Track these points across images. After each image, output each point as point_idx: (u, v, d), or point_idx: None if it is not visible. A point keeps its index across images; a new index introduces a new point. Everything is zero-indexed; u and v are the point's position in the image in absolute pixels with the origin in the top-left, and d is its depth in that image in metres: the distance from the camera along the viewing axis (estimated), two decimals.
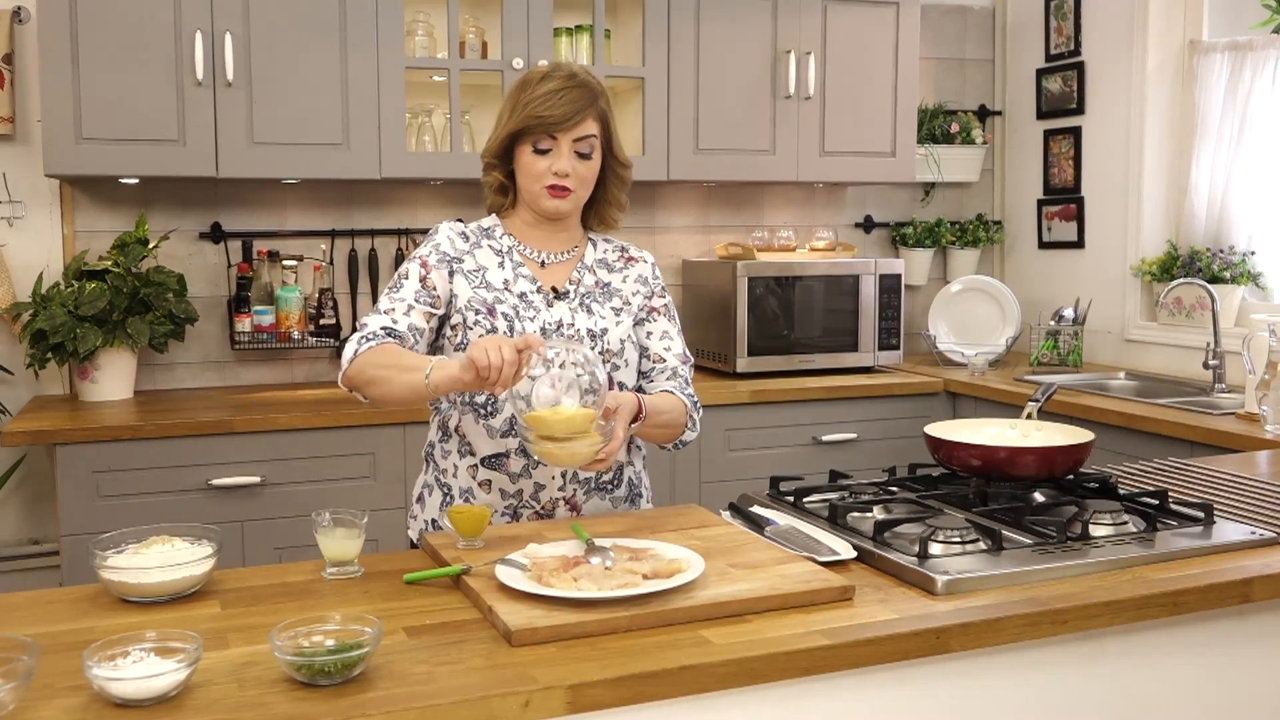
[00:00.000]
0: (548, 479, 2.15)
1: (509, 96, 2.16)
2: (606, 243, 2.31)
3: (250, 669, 1.42)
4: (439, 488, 2.21)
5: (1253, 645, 1.82)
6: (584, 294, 2.21)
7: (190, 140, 3.38)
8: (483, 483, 2.15)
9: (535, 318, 2.14)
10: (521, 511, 2.16)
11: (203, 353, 3.81)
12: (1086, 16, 4.31)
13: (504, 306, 2.14)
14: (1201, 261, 3.89)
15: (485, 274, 2.16)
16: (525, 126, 2.09)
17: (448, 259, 2.16)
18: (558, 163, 2.10)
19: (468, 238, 2.20)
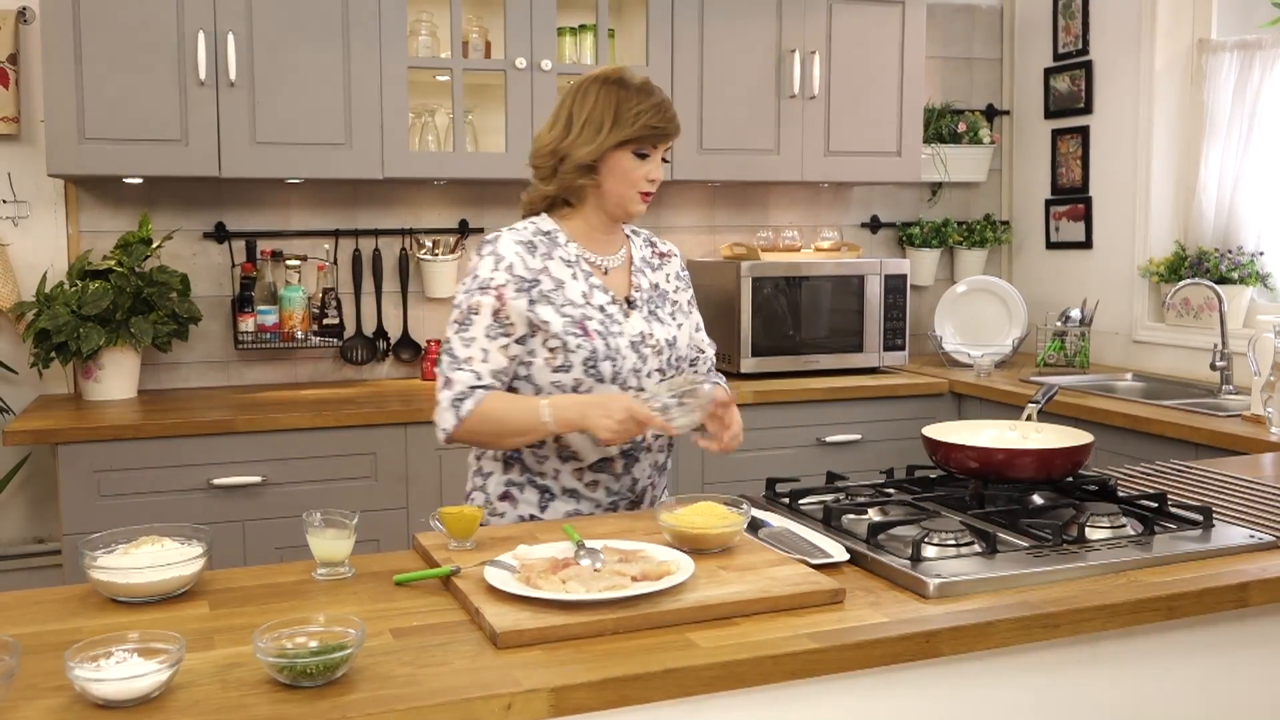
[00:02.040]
0: (641, 473, 2.28)
1: (603, 104, 2.15)
2: (635, 235, 2.37)
3: (234, 670, 1.41)
4: (533, 487, 2.24)
5: (1249, 650, 1.80)
6: (647, 301, 2.28)
7: (193, 140, 3.38)
8: (590, 483, 2.23)
9: (621, 332, 2.19)
10: (619, 504, 2.27)
11: (206, 352, 3.82)
12: (1095, 15, 4.28)
13: (593, 324, 2.17)
14: (1209, 262, 3.86)
15: (564, 291, 2.17)
16: (639, 135, 2.15)
17: (525, 285, 2.14)
18: (654, 170, 2.19)
19: (535, 248, 2.18)
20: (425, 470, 3.40)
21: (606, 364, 2.16)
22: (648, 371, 2.21)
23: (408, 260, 3.97)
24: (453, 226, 4.03)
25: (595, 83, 2.18)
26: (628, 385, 2.18)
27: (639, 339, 2.21)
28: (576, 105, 2.17)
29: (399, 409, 3.39)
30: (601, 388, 2.16)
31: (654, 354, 2.23)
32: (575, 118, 2.17)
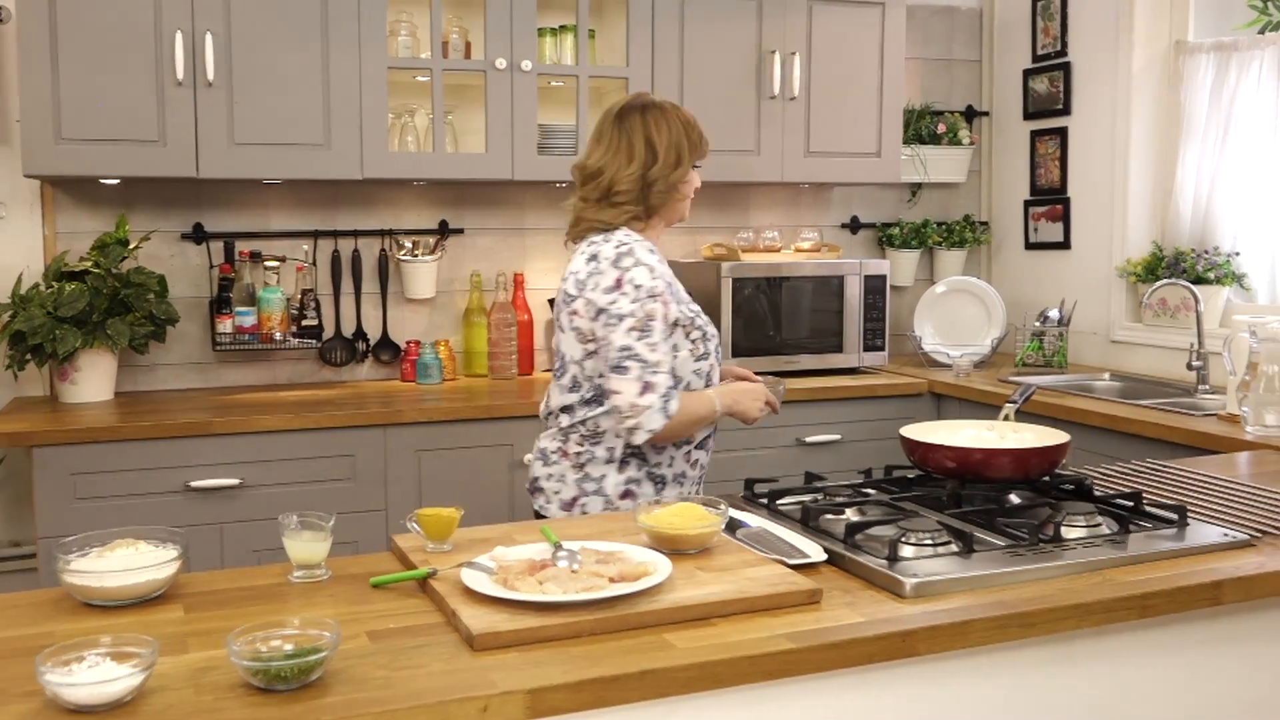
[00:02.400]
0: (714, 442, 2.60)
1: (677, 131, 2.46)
2: None
3: (208, 674, 1.41)
4: (650, 480, 2.45)
5: (1223, 648, 1.81)
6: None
7: (171, 141, 3.37)
8: (692, 463, 2.52)
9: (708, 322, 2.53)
10: (701, 478, 2.57)
11: (184, 354, 3.80)
12: (1073, 17, 4.30)
13: (700, 319, 2.49)
14: (1186, 262, 3.88)
15: (681, 295, 2.49)
16: (703, 153, 2.52)
17: (670, 288, 2.43)
18: (698, 179, 2.54)
19: (654, 254, 2.44)
20: (404, 472, 3.39)
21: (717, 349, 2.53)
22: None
23: (387, 261, 3.96)
24: (432, 227, 4.02)
25: (655, 111, 2.46)
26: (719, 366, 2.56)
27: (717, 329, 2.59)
28: (655, 135, 2.44)
29: (378, 410, 3.38)
30: (716, 371, 2.52)
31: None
32: (658, 146, 2.43)
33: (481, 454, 3.47)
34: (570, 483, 2.45)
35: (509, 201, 4.10)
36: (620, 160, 2.43)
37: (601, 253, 2.39)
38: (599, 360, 2.38)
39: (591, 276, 2.38)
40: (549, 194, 4.15)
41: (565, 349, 2.45)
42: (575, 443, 2.45)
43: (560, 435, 2.48)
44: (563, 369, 2.46)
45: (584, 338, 2.40)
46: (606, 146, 2.45)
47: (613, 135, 2.45)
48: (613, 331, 2.33)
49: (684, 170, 2.45)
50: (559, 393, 2.48)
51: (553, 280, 4.18)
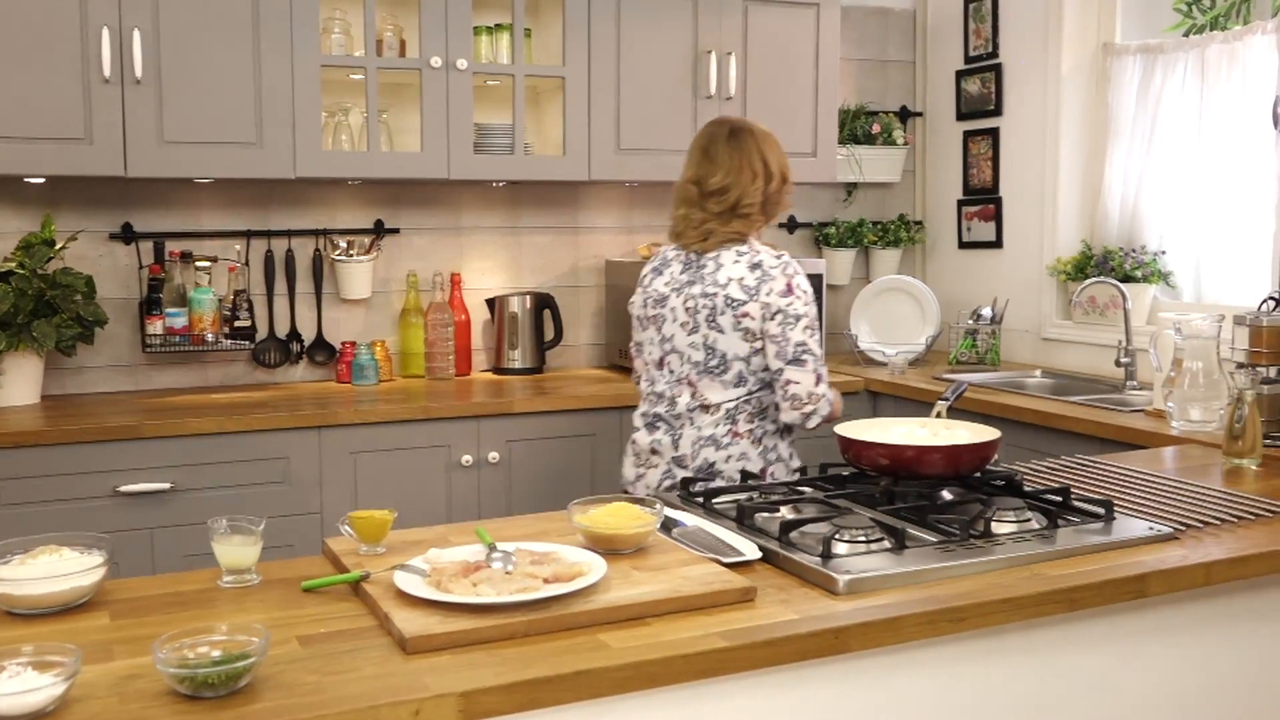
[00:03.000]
0: None
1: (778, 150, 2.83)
2: None
3: (134, 682, 1.38)
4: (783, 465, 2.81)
5: (1149, 640, 1.85)
6: None
7: (98, 139, 3.30)
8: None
9: None
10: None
11: (113, 356, 3.73)
12: (1004, 19, 4.36)
13: None
14: (1114, 261, 3.95)
15: None
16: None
17: None
18: None
19: None
20: (339, 474, 3.35)
21: None
22: None
23: (322, 261, 3.92)
24: (368, 227, 3.99)
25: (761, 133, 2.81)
26: None
27: None
28: (769, 155, 2.79)
29: (313, 412, 3.34)
30: None
31: None
32: (772, 165, 2.78)
33: (419, 456, 3.44)
34: (754, 457, 2.74)
35: (445, 201, 4.08)
36: (745, 178, 2.74)
37: (764, 262, 2.70)
38: (765, 355, 2.70)
39: (762, 284, 2.68)
40: (486, 193, 4.13)
41: (728, 348, 2.70)
42: (744, 422, 2.73)
43: (726, 420, 2.73)
44: (724, 366, 2.72)
45: (751, 337, 2.69)
46: (728, 167, 2.75)
47: (731, 156, 2.75)
48: (791, 329, 2.66)
49: (790, 185, 2.83)
50: (720, 388, 2.72)
51: (490, 280, 4.17)
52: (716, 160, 2.76)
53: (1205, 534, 2.00)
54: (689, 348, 2.74)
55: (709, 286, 2.71)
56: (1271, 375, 2.72)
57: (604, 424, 3.63)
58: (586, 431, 3.62)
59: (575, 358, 4.31)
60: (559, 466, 3.59)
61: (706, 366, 2.73)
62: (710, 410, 2.73)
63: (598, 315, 4.33)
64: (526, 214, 4.20)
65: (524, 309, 4.07)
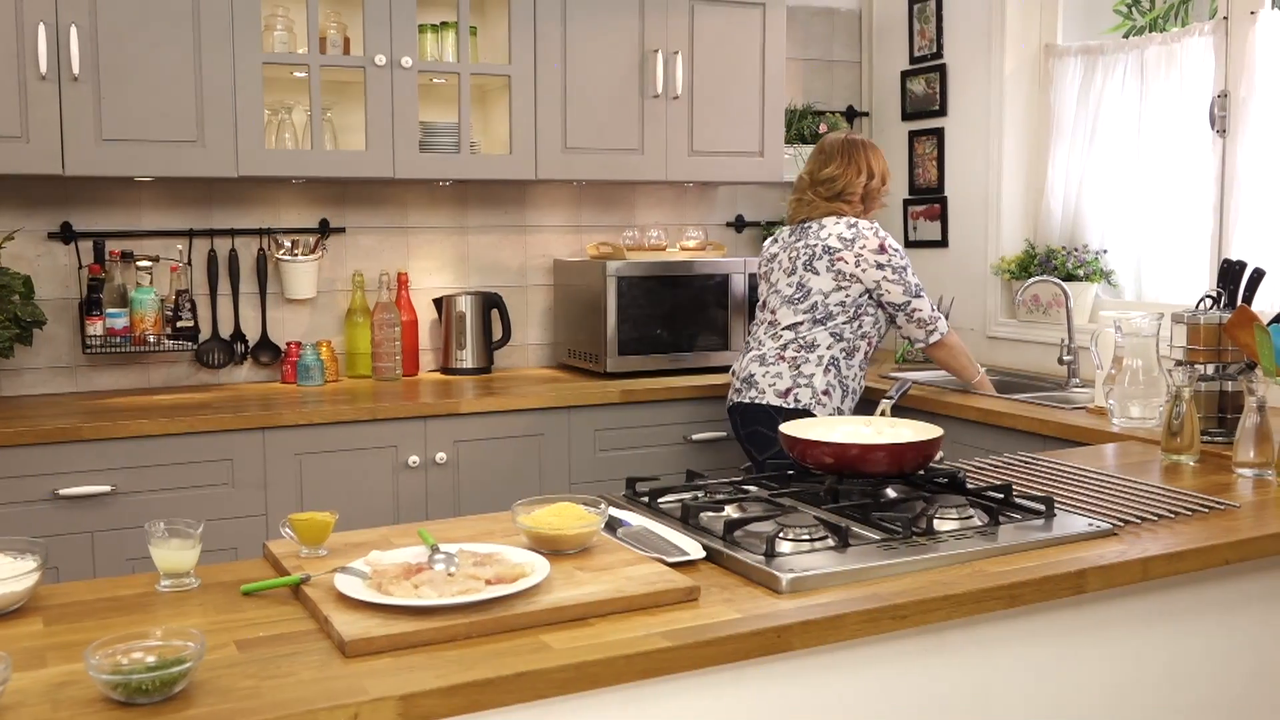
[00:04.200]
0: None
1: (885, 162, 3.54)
2: None
3: (66, 689, 1.36)
4: (840, 386, 3.34)
5: (1087, 635, 1.87)
6: None
7: (34, 137, 3.25)
8: (860, 380, 3.41)
9: None
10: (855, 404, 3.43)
11: (53, 357, 3.67)
12: (948, 19, 4.40)
13: None
14: (1057, 260, 4.00)
15: None
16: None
17: None
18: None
19: None
20: (284, 476, 3.32)
21: None
22: None
23: (266, 261, 3.88)
24: (313, 226, 3.95)
25: (870, 145, 3.50)
26: None
27: None
28: (874, 162, 3.48)
29: (257, 413, 3.30)
30: None
31: None
32: (875, 168, 3.47)
33: (365, 457, 3.42)
34: (787, 377, 3.31)
35: (391, 200, 4.05)
36: (852, 174, 3.43)
37: (860, 225, 3.36)
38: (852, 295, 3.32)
39: (858, 239, 3.32)
40: (432, 192, 4.10)
41: (816, 284, 3.33)
42: (793, 351, 3.32)
43: (779, 346, 3.36)
44: (804, 297, 3.34)
45: (842, 279, 3.31)
46: (839, 164, 3.44)
47: (843, 157, 3.44)
48: (904, 275, 3.34)
49: (887, 186, 3.52)
50: (793, 313, 3.36)
51: (437, 280, 4.14)
52: (830, 161, 3.45)
53: (1143, 530, 2.03)
54: (785, 286, 3.39)
55: (811, 240, 3.38)
56: (1209, 373, 2.76)
57: (552, 424, 3.63)
58: (535, 431, 3.61)
59: (524, 357, 4.30)
60: (507, 467, 3.58)
61: (790, 298, 3.37)
62: (773, 331, 3.38)
63: (546, 315, 4.32)
64: (473, 213, 4.18)
65: (471, 309, 4.05)
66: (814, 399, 3.30)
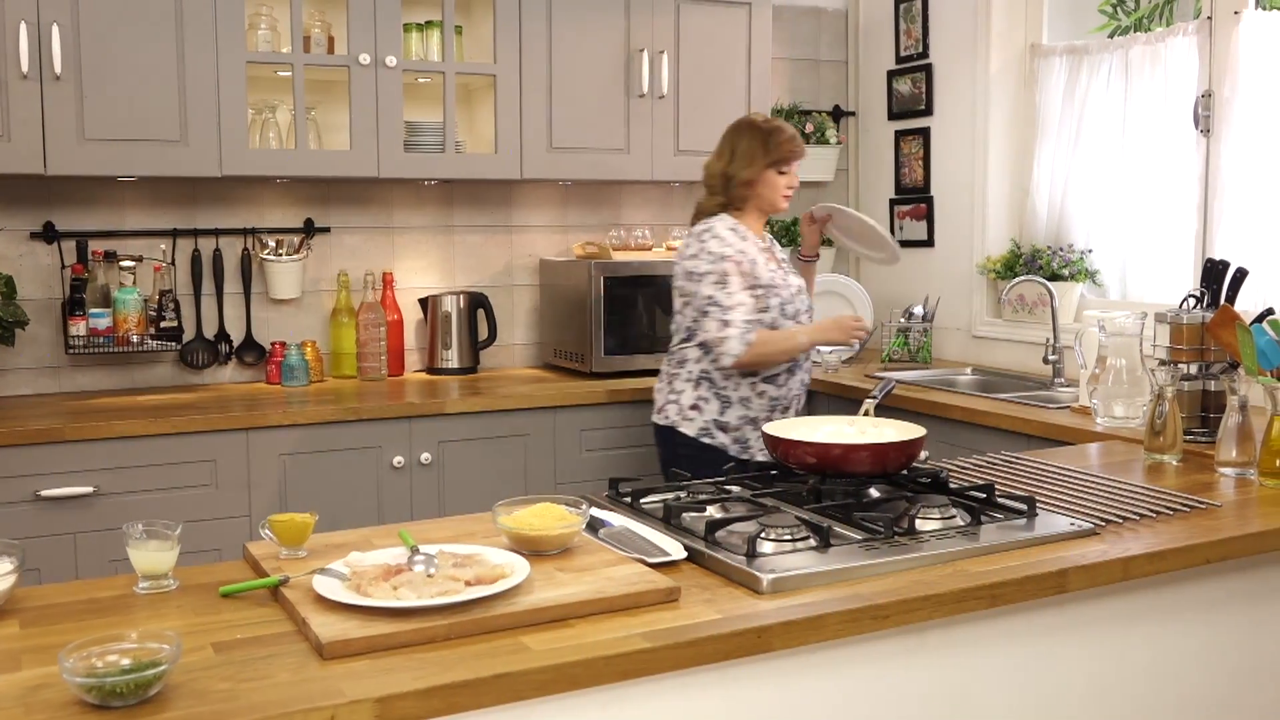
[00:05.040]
0: (795, 384, 3.24)
1: (754, 139, 3.16)
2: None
3: (41, 692, 1.35)
4: (717, 398, 3.17)
5: (1069, 634, 1.87)
6: (788, 267, 3.31)
7: (16, 136, 3.23)
8: (759, 393, 3.17)
9: (789, 285, 3.21)
10: (775, 409, 3.18)
11: (36, 358, 3.65)
12: (934, 19, 4.40)
13: (775, 280, 3.16)
14: (1042, 260, 4.00)
15: (757, 261, 3.14)
16: (783, 158, 3.17)
17: (741, 251, 3.11)
18: (792, 181, 3.23)
19: (736, 231, 3.16)
20: (267, 477, 3.31)
21: (790, 305, 3.19)
22: (806, 309, 3.27)
23: (250, 260, 3.86)
24: (297, 226, 3.94)
25: (749, 122, 3.22)
26: (799, 320, 3.21)
27: (798, 290, 3.23)
28: (738, 141, 3.18)
29: (241, 414, 3.29)
30: (785, 322, 3.16)
31: (801, 296, 3.25)
32: (738, 149, 3.17)
33: (349, 457, 3.41)
34: (663, 394, 3.27)
35: (376, 200, 4.04)
36: (713, 159, 3.24)
37: (691, 232, 3.22)
38: (690, 310, 3.15)
39: (683, 251, 3.19)
40: (417, 192, 4.09)
41: (677, 301, 3.23)
42: (669, 368, 3.27)
43: (664, 365, 3.31)
44: (675, 314, 3.26)
45: (681, 294, 3.18)
46: (716, 150, 3.26)
47: (720, 141, 3.25)
48: (699, 285, 3.10)
49: (756, 169, 3.15)
50: (672, 331, 3.30)
51: (423, 279, 4.13)
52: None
53: (1125, 529, 2.03)
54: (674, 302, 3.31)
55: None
56: (1192, 372, 2.77)
57: (538, 424, 3.62)
58: (520, 432, 3.61)
59: (510, 357, 4.29)
60: (492, 467, 3.57)
61: (672, 316, 3.31)
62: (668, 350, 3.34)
63: (532, 314, 4.31)
64: (459, 213, 4.17)
65: (457, 308, 4.04)
66: (680, 414, 3.20)
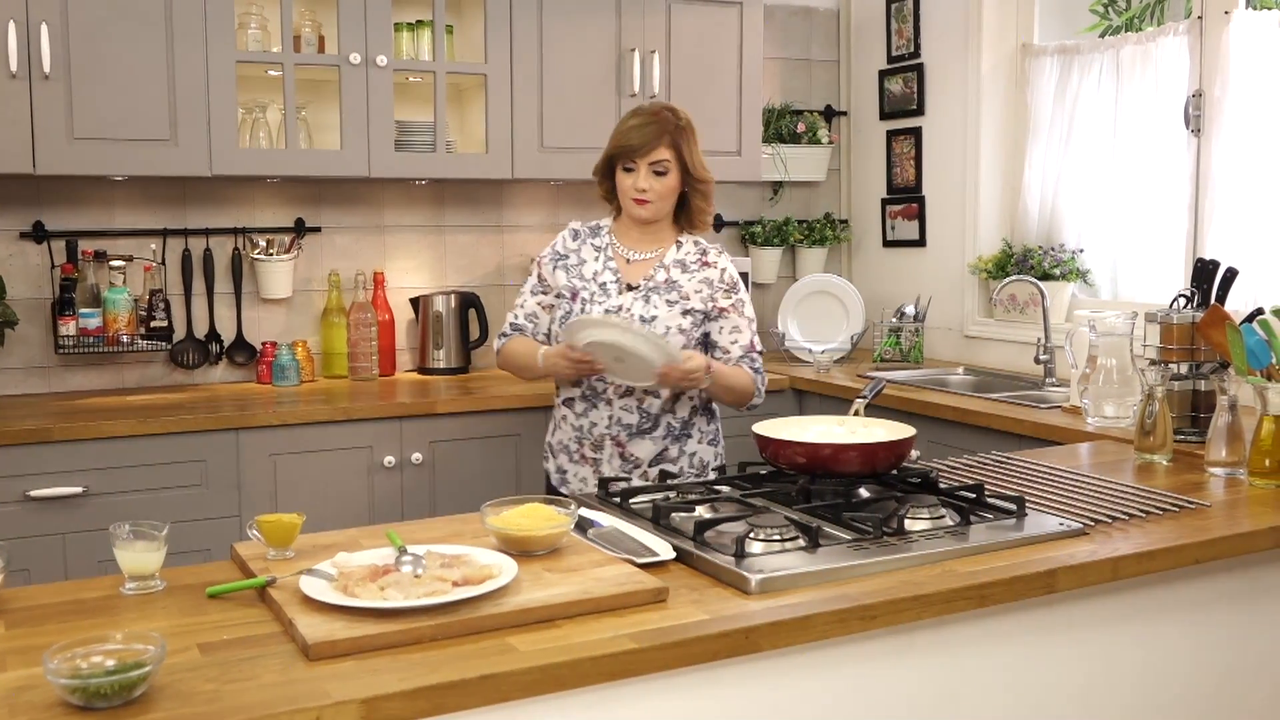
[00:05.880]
0: (600, 419, 2.81)
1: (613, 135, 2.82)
2: (695, 245, 2.90)
3: (25, 694, 1.34)
4: (552, 418, 2.95)
5: (1058, 635, 1.87)
6: (650, 288, 2.82)
7: (4, 135, 3.22)
8: (563, 416, 2.89)
9: (605, 302, 2.80)
10: (583, 442, 2.83)
11: (25, 358, 3.64)
12: (925, 19, 4.40)
13: (584, 293, 2.81)
14: (1034, 259, 4.00)
15: (582, 267, 2.85)
16: (615, 153, 2.80)
17: (558, 256, 2.89)
18: (638, 180, 2.76)
19: (578, 235, 2.91)
20: (258, 477, 3.30)
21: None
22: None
23: (241, 260, 3.85)
24: (288, 225, 3.93)
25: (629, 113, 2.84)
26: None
27: (615, 309, 2.78)
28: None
29: (231, 414, 3.28)
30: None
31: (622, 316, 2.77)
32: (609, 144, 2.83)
33: (340, 457, 3.40)
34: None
35: (367, 199, 4.03)
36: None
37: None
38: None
39: None
40: (409, 192, 4.08)
41: None
42: None
43: None
44: None
45: None
46: None
47: None
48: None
49: (599, 165, 2.87)
50: None
51: (414, 279, 4.13)
52: None
53: (1114, 529, 2.03)
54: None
55: None
56: (1182, 372, 2.77)
57: (529, 424, 3.61)
58: (511, 432, 3.60)
59: None
60: (483, 467, 3.57)
61: None
62: None
63: None
64: (450, 212, 4.16)
65: (449, 308, 4.03)
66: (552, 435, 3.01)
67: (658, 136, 2.74)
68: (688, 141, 2.78)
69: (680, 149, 2.76)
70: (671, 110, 2.81)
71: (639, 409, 2.80)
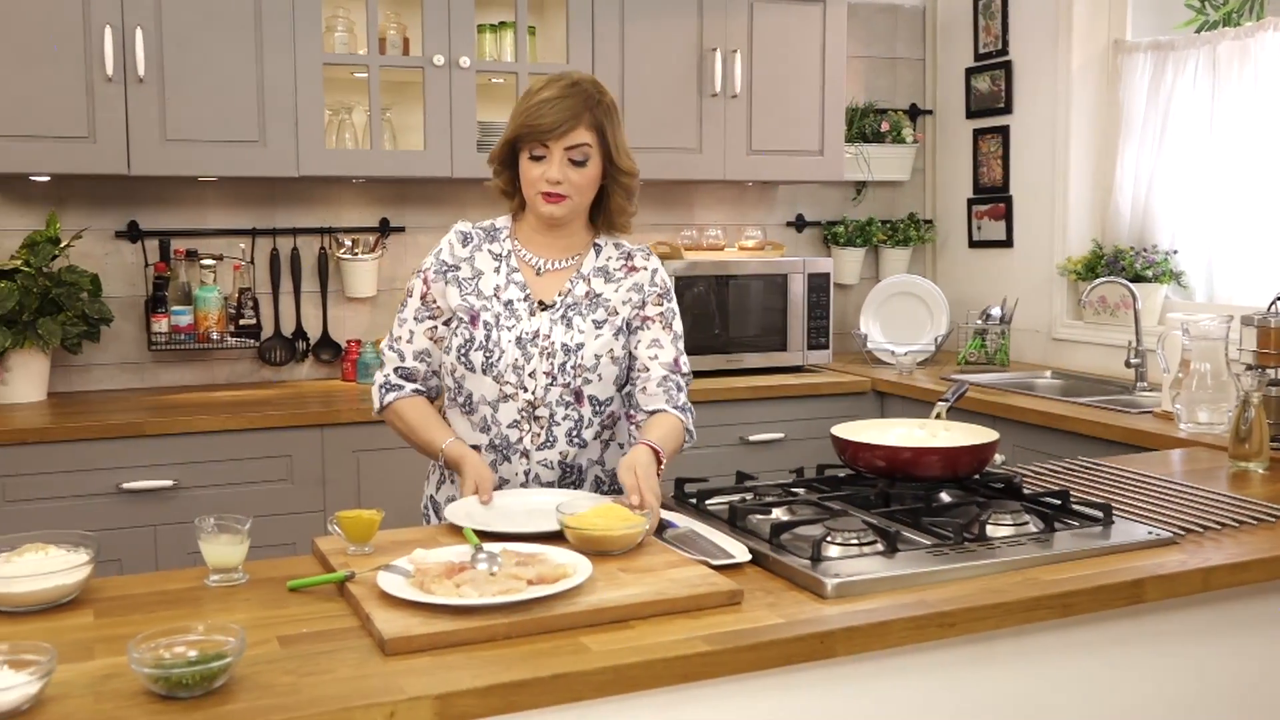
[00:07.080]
0: (511, 475, 2.23)
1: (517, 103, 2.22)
2: (616, 248, 2.32)
3: (110, 681, 1.37)
4: (437, 469, 2.36)
5: (1145, 646, 1.82)
6: (570, 305, 2.24)
7: (101, 137, 3.31)
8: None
9: (514, 327, 2.21)
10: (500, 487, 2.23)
11: (120, 354, 3.74)
12: (1014, 16, 4.32)
13: (487, 315, 2.22)
14: (1125, 260, 3.91)
15: (479, 280, 2.24)
16: (519, 135, 2.16)
17: (445, 268, 2.25)
18: (550, 170, 2.15)
19: (469, 240, 2.28)
20: (342, 473, 3.35)
21: (479, 354, 2.20)
22: (531, 370, 2.20)
23: (327, 259, 3.91)
24: (373, 225, 3.98)
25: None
26: (504, 379, 2.19)
27: (530, 337, 2.20)
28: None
29: (317, 410, 3.34)
30: (473, 377, 2.21)
31: (542, 355, 2.20)
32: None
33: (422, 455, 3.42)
34: None
35: (450, 199, 4.07)
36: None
37: None
38: None
39: None
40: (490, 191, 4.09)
41: None
42: None
43: None
44: None
45: None
46: None
47: None
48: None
49: (497, 150, 2.23)
50: None
51: None
52: None
53: (1206, 539, 1.97)
54: None
55: None
56: (1279, 377, 2.68)
57: None
58: None
59: None
60: None
61: None
62: None
63: None
64: None
65: None
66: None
67: (576, 115, 2.12)
68: (612, 123, 2.18)
69: (604, 132, 2.16)
70: (593, 82, 2.19)
71: (560, 463, 2.24)
